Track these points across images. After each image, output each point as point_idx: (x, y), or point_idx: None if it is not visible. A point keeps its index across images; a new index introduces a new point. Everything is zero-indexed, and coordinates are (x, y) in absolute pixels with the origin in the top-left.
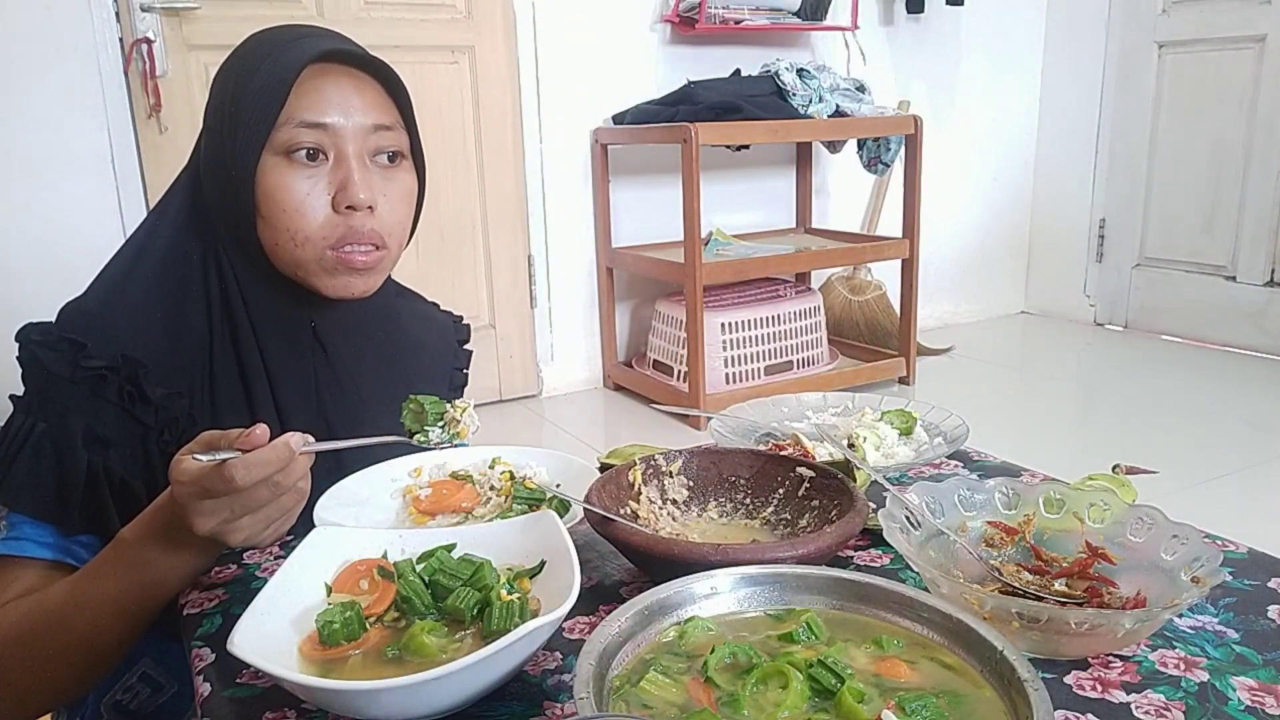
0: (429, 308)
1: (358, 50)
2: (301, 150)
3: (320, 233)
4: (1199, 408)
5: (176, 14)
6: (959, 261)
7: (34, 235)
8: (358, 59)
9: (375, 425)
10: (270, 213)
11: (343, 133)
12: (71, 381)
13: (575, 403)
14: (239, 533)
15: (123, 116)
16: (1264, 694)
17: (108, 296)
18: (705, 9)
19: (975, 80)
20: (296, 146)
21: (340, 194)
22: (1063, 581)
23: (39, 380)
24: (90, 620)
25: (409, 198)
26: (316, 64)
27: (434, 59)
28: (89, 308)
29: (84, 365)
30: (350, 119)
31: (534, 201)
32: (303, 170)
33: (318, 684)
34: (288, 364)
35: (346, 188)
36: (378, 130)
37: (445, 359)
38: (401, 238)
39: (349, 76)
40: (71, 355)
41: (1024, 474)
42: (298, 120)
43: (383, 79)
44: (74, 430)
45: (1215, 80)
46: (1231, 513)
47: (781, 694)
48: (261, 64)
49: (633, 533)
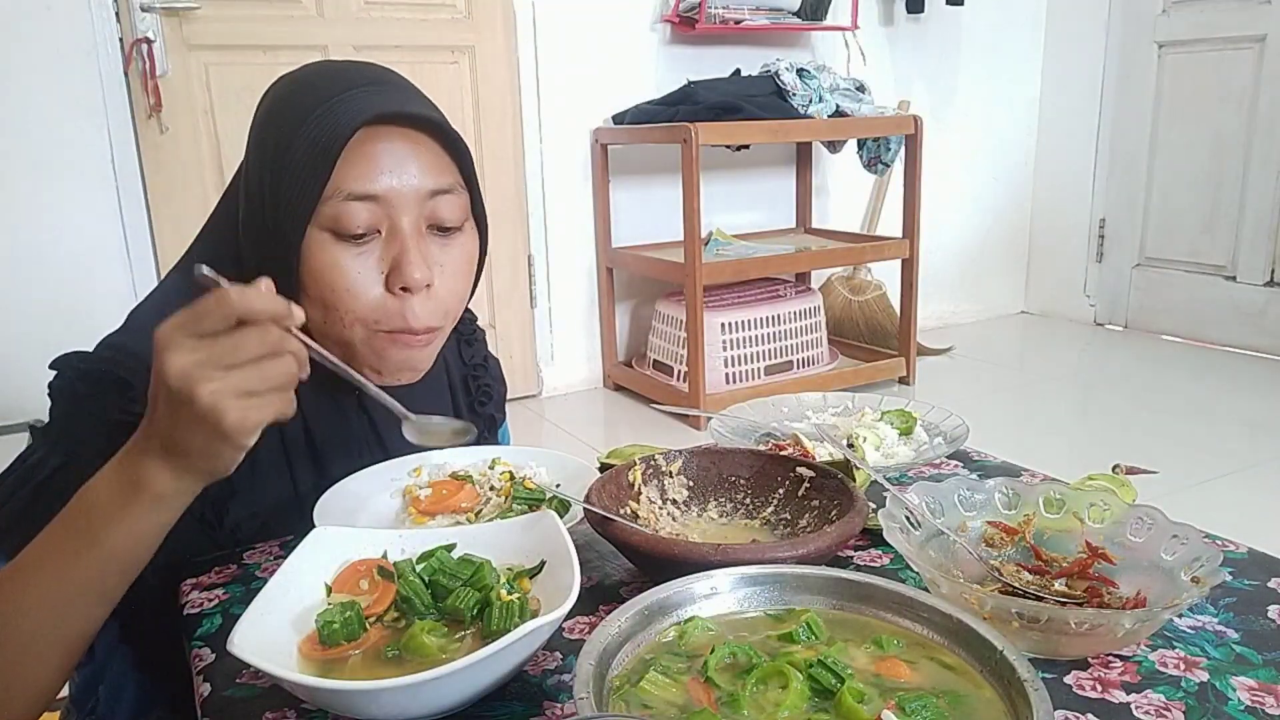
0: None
1: (413, 109)
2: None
3: (373, 315)
4: (1199, 408)
5: (176, 14)
6: (959, 261)
7: (34, 235)
8: (411, 119)
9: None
10: (318, 293)
11: (397, 203)
12: (109, 425)
13: (575, 403)
14: (209, 383)
15: (123, 117)
16: (1264, 694)
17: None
18: (705, 9)
19: (975, 80)
20: (345, 222)
21: (394, 274)
22: (1063, 581)
23: (72, 418)
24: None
25: (470, 264)
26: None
27: (434, 59)
28: (130, 346)
29: (126, 410)
30: (405, 187)
31: (534, 201)
32: (353, 248)
33: (318, 684)
34: (331, 425)
35: (401, 267)
36: (435, 196)
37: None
38: (460, 308)
39: (403, 138)
40: (115, 396)
41: (1024, 474)
42: (346, 193)
43: (440, 134)
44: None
45: (1215, 80)
46: (1231, 513)
47: (781, 694)
48: (303, 124)
49: (633, 533)
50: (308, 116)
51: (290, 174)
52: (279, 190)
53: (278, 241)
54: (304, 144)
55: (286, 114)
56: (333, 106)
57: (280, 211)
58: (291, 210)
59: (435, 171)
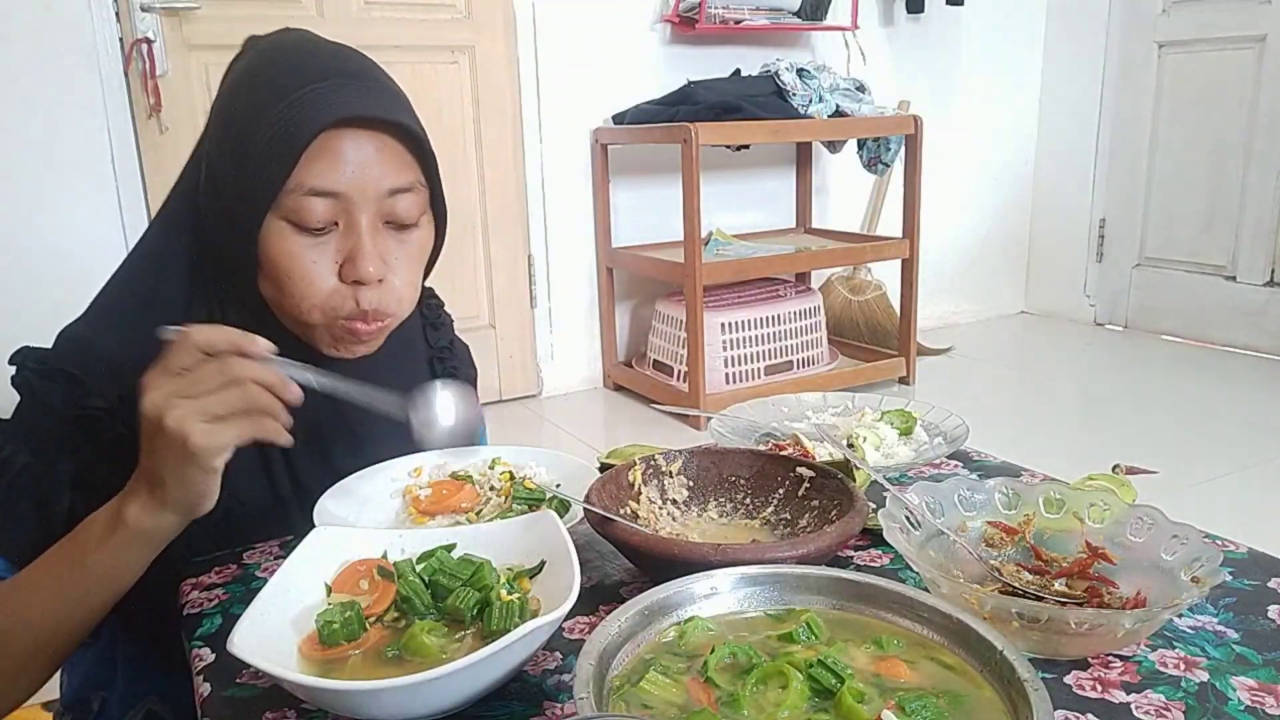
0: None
1: (378, 113)
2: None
3: (327, 303)
4: (1199, 408)
5: (176, 14)
6: (959, 261)
7: (34, 235)
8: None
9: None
10: (274, 276)
11: (357, 200)
12: (65, 420)
13: (575, 403)
14: (175, 409)
15: (123, 117)
16: (1264, 694)
17: (107, 327)
18: (705, 9)
19: (975, 80)
20: (305, 216)
21: (348, 266)
22: (1063, 581)
23: (31, 413)
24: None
25: (422, 256)
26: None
27: (434, 59)
28: (89, 337)
29: (82, 405)
30: (366, 185)
31: (534, 201)
32: (310, 239)
33: (318, 684)
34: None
35: (355, 261)
36: (394, 194)
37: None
38: (413, 299)
39: (368, 139)
40: (69, 392)
41: (1024, 474)
42: (307, 188)
43: (404, 134)
44: (62, 472)
45: (1215, 80)
46: (1231, 513)
47: (781, 694)
48: (269, 112)
49: (633, 533)
50: (274, 105)
51: (252, 162)
52: (240, 175)
53: (237, 224)
54: (267, 135)
55: (253, 97)
56: (300, 100)
57: (240, 197)
58: (252, 198)
59: (396, 171)
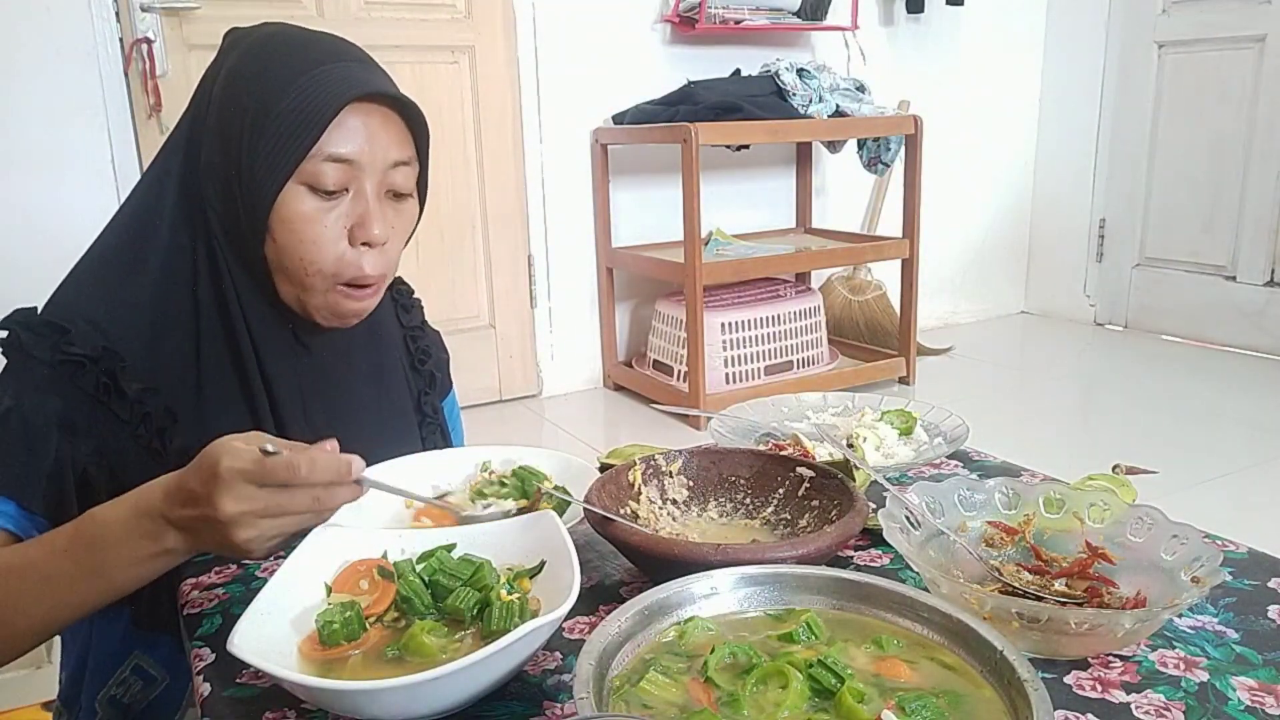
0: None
1: (393, 91)
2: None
3: (333, 267)
4: (1199, 408)
5: (176, 14)
6: (959, 261)
7: (34, 235)
8: (390, 98)
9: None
10: (285, 240)
11: (367, 168)
12: (50, 365)
13: (575, 403)
14: (250, 529)
15: (123, 116)
16: (1264, 694)
17: (95, 284)
18: (705, 9)
19: (975, 80)
20: (322, 180)
21: (358, 229)
22: (1063, 581)
23: (16, 363)
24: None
25: (410, 226)
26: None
27: (434, 59)
28: (75, 294)
29: (64, 351)
30: (375, 155)
31: (534, 201)
32: (325, 202)
33: (318, 684)
34: (279, 365)
35: (365, 224)
36: (396, 166)
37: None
38: (398, 263)
39: (380, 113)
40: (53, 340)
41: (1024, 474)
42: (326, 154)
43: (408, 114)
44: (49, 411)
45: (1215, 80)
46: (1231, 513)
47: (781, 694)
48: (291, 85)
49: (633, 533)
50: (296, 80)
51: (274, 129)
52: (258, 140)
53: (252, 188)
54: (292, 103)
55: (270, 70)
56: (322, 75)
57: (258, 163)
58: (272, 162)
59: (399, 144)
